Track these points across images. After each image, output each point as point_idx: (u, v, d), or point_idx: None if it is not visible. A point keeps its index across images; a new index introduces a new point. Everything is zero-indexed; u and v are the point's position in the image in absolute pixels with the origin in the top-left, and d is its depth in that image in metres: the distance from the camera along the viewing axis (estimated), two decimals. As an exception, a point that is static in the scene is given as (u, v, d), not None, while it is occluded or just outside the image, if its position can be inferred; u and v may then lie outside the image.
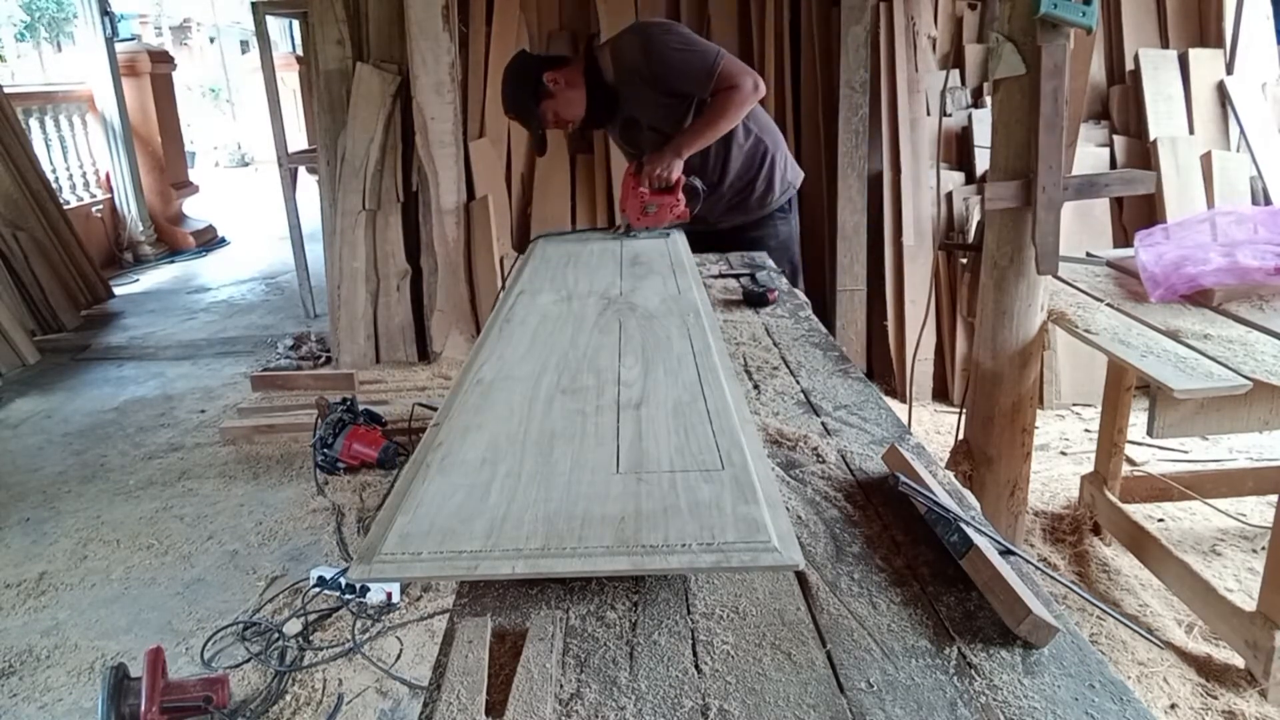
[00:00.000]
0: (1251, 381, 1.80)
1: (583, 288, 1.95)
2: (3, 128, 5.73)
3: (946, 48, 4.13)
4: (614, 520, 0.96)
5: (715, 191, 2.64)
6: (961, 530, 1.04)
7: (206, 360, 5.03)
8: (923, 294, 3.76)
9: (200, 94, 18.78)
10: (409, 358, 4.54)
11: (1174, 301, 2.29)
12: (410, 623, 2.52)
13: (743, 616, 0.97)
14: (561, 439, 1.17)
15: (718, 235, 2.74)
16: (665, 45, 2.45)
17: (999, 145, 2.31)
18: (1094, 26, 2.11)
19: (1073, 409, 3.84)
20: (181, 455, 3.75)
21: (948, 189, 3.95)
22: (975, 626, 0.94)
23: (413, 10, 4.02)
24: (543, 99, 2.52)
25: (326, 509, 3.20)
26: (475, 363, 1.48)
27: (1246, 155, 3.81)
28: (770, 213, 2.76)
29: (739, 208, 2.73)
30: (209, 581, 2.79)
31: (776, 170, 2.72)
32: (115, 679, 2.02)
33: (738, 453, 1.10)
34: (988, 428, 2.47)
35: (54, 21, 16.27)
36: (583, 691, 0.86)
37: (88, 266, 6.18)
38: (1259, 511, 2.86)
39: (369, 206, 4.33)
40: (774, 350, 1.87)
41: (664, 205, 2.50)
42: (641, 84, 2.51)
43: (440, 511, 1.00)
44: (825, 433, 1.44)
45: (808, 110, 4.25)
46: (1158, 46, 3.94)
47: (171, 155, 7.86)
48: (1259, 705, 2.07)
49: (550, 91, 2.51)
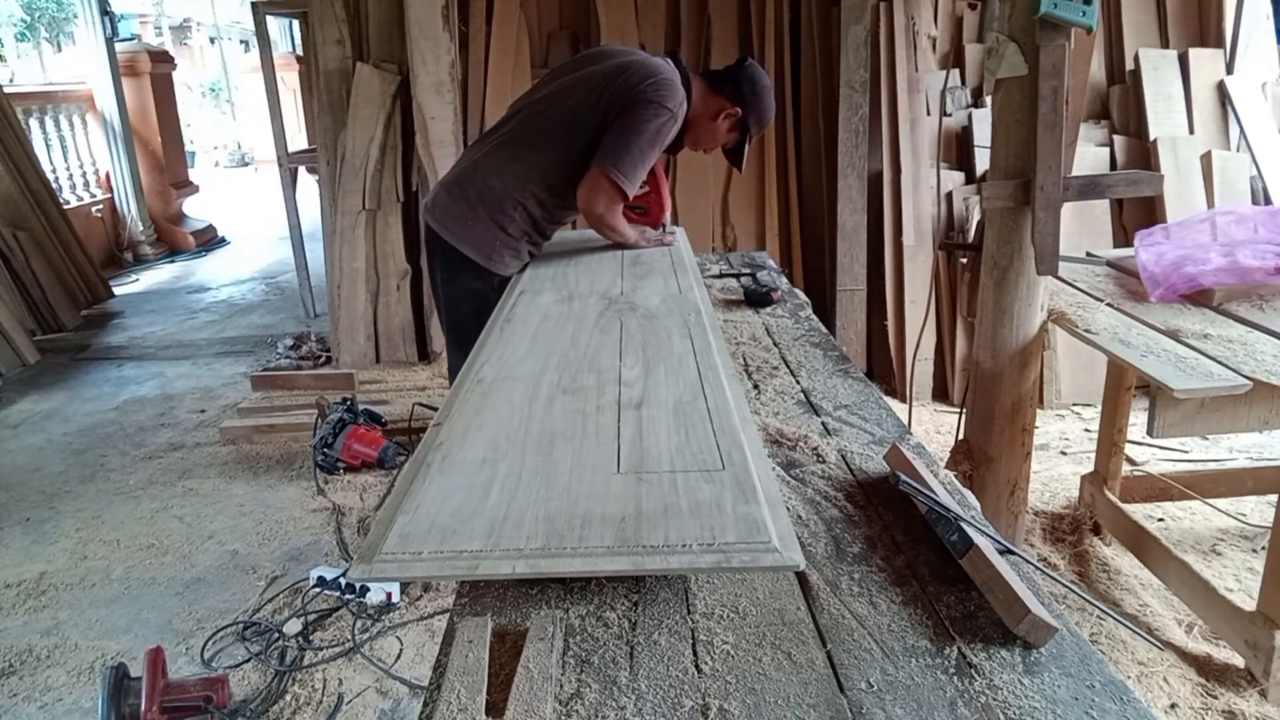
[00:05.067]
0: (1251, 381, 1.80)
1: (583, 287, 1.95)
2: (3, 128, 5.73)
3: (946, 48, 4.13)
4: (614, 520, 0.96)
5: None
6: (961, 530, 1.04)
7: (206, 360, 5.03)
8: (923, 294, 3.76)
9: (200, 94, 18.78)
10: (409, 358, 4.54)
11: (1174, 301, 2.29)
12: (410, 623, 2.52)
13: (743, 616, 0.97)
14: (562, 439, 1.17)
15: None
16: (642, 114, 2.07)
17: (999, 145, 2.31)
18: (1094, 26, 2.11)
19: (1073, 409, 3.84)
20: (181, 455, 3.75)
21: (948, 189, 3.95)
22: (975, 626, 0.94)
23: (413, 10, 4.02)
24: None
25: (326, 509, 3.20)
26: (476, 362, 1.48)
27: (1246, 155, 3.81)
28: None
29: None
30: (209, 581, 2.79)
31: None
32: (115, 679, 2.02)
33: (738, 452, 1.10)
34: (988, 428, 2.47)
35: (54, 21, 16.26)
36: (583, 691, 0.86)
37: (88, 266, 6.18)
38: (1259, 511, 2.86)
39: (369, 206, 4.33)
40: (774, 350, 1.87)
41: (649, 200, 2.44)
42: (599, 80, 2.15)
43: (441, 511, 1.00)
44: (825, 432, 1.44)
45: (808, 110, 4.26)
46: (1158, 46, 3.94)
47: (171, 155, 7.86)
48: (1259, 705, 2.07)
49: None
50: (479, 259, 2.19)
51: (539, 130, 2.17)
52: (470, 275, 2.21)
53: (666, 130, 2.09)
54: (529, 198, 2.17)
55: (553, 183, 2.17)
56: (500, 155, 2.20)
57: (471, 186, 2.20)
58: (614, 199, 2.12)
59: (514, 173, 2.17)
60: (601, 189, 2.10)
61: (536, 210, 2.19)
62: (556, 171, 2.16)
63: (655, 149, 2.10)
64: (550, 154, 2.15)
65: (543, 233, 2.27)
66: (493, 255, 2.19)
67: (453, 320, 2.31)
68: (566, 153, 2.13)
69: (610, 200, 2.13)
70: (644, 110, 2.06)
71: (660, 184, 2.42)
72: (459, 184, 2.23)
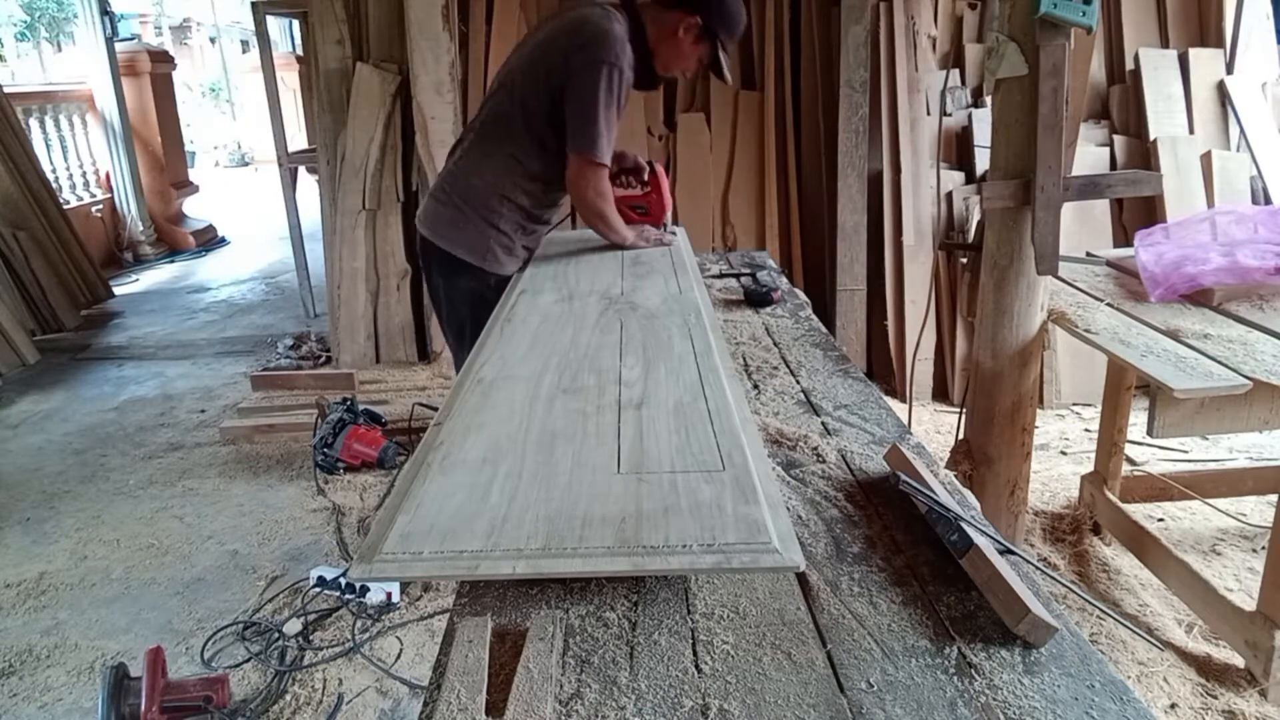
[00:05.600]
0: (1251, 381, 1.80)
1: (584, 287, 1.95)
2: (3, 128, 5.73)
3: (946, 48, 4.13)
4: (615, 520, 0.96)
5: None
6: (961, 530, 1.04)
7: (206, 360, 5.03)
8: (923, 294, 3.76)
9: (200, 94, 18.77)
10: (409, 358, 4.54)
11: (1174, 301, 2.29)
12: (410, 623, 2.52)
13: (743, 616, 0.97)
14: (562, 439, 1.17)
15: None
16: (585, 82, 2.02)
17: (999, 145, 2.31)
18: (1094, 26, 2.11)
19: (1073, 409, 3.84)
20: (181, 455, 3.75)
21: (948, 189, 3.95)
22: (975, 626, 0.94)
23: (413, 10, 4.02)
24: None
25: (326, 509, 3.20)
26: (476, 362, 1.48)
27: (1246, 155, 3.81)
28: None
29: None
30: (209, 581, 2.79)
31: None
32: (115, 679, 2.02)
33: (738, 453, 1.10)
34: (988, 428, 2.47)
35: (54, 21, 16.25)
36: (583, 691, 0.86)
37: (88, 266, 6.18)
38: (1259, 511, 2.86)
39: (369, 206, 4.33)
40: (774, 350, 1.87)
41: (651, 199, 2.43)
42: (537, 56, 2.12)
43: (441, 511, 1.00)
44: (825, 432, 1.44)
45: (808, 110, 4.25)
46: (1158, 46, 3.94)
47: (171, 155, 7.86)
48: (1259, 705, 2.07)
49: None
50: (474, 260, 2.19)
51: (501, 121, 2.18)
52: (466, 278, 2.21)
53: (615, 81, 2.04)
54: (513, 189, 2.17)
55: (531, 169, 2.18)
56: (475, 154, 2.21)
57: (455, 191, 2.21)
58: (597, 176, 2.12)
59: (492, 169, 2.18)
60: (583, 174, 2.10)
61: (524, 200, 2.20)
62: (530, 156, 2.16)
63: (614, 104, 2.07)
64: (519, 141, 2.16)
65: (538, 220, 2.28)
66: (488, 255, 2.19)
67: (455, 325, 2.31)
68: (532, 136, 2.14)
69: (595, 179, 2.12)
70: (585, 77, 2.02)
71: (661, 183, 2.42)
72: (444, 190, 2.24)
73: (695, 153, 4.29)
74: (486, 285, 2.20)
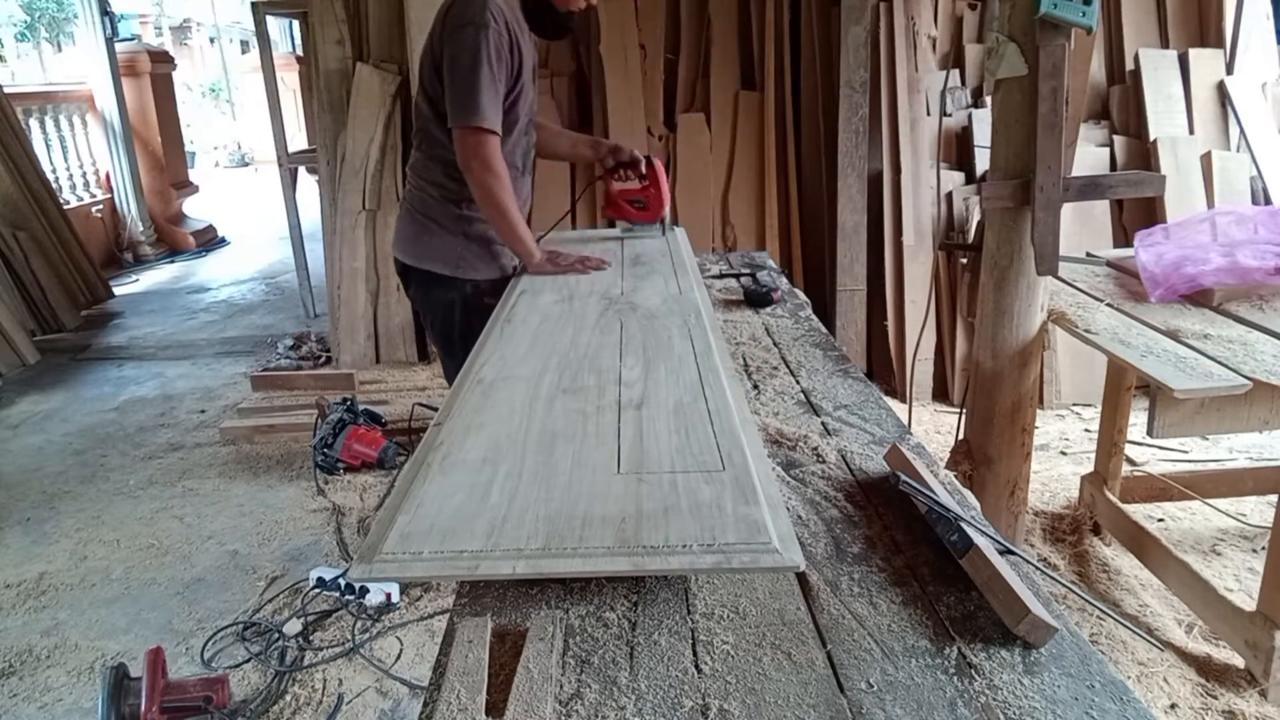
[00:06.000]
0: (1251, 381, 1.80)
1: (584, 287, 1.95)
2: (3, 128, 5.73)
3: (946, 48, 4.13)
4: (615, 520, 0.96)
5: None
6: (961, 530, 1.04)
7: (206, 360, 5.03)
8: (923, 294, 3.76)
9: (200, 94, 18.77)
10: (409, 358, 4.54)
11: (1174, 301, 2.29)
12: (410, 623, 2.52)
13: (743, 616, 0.97)
14: (562, 439, 1.17)
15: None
16: (455, 49, 1.93)
17: (999, 145, 2.31)
18: (1094, 26, 2.11)
19: (1073, 409, 3.84)
20: (181, 455, 3.75)
21: (948, 189, 3.95)
22: (975, 626, 0.94)
23: (413, 10, 4.02)
24: None
25: (326, 509, 3.20)
26: (476, 362, 1.48)
27: (1246, 155, 3.81)
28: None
29: None
30: (209, 581, 2.79)
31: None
32: (115, 679, 2.02)
33: (738, 453, 1.10)
34: (988, 428, 2.47)
35: (54, 21, 16.25)
36: (583, 691, 0.86)
37: (88, 266, 6.18)
38: (1259, 511, 2.86)
39: (369, 206, 4.33)
40: (774, 350, 1.87)
41: (648, 194, 2.42)
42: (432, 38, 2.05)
43: (441, 511, 1.00)
44: (825, 433, 1.44)
45: (808, 110, 4.25)
46: (1158, 46, 3.94)
47: (171, 155, 7.86)
48: (1259, 705, 2.07)
49: None
50: (447, 270, 2.16)
51: (423, 125, 2.14)
52: (442, 289, 2.19)
53: (490, 41, 1.91)
54: (461, 190, 2.09)
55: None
56: (418, 165, 2.19)
57: (415, 206, 2.19)
58: (483, 145, 1.95)
59: (432, 176, 2.14)
60: (465, 144, 1.96)
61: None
62: (453, 152, 2.04)
63: (490, 65, 1.92)
64: (441, 141, 2.07)
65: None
66: (460, 263, 2.16)
67: (442, 337, 2.30)
68: (445, 131, 2.03)
69: (482, 149, 1.95)
70: (454, 42, 1.93)
71: (659, 177, 2.40)
72: (406, 210, 2.23)
73: (695, 153, 4.29)
74: (465, 292, 2.18)
